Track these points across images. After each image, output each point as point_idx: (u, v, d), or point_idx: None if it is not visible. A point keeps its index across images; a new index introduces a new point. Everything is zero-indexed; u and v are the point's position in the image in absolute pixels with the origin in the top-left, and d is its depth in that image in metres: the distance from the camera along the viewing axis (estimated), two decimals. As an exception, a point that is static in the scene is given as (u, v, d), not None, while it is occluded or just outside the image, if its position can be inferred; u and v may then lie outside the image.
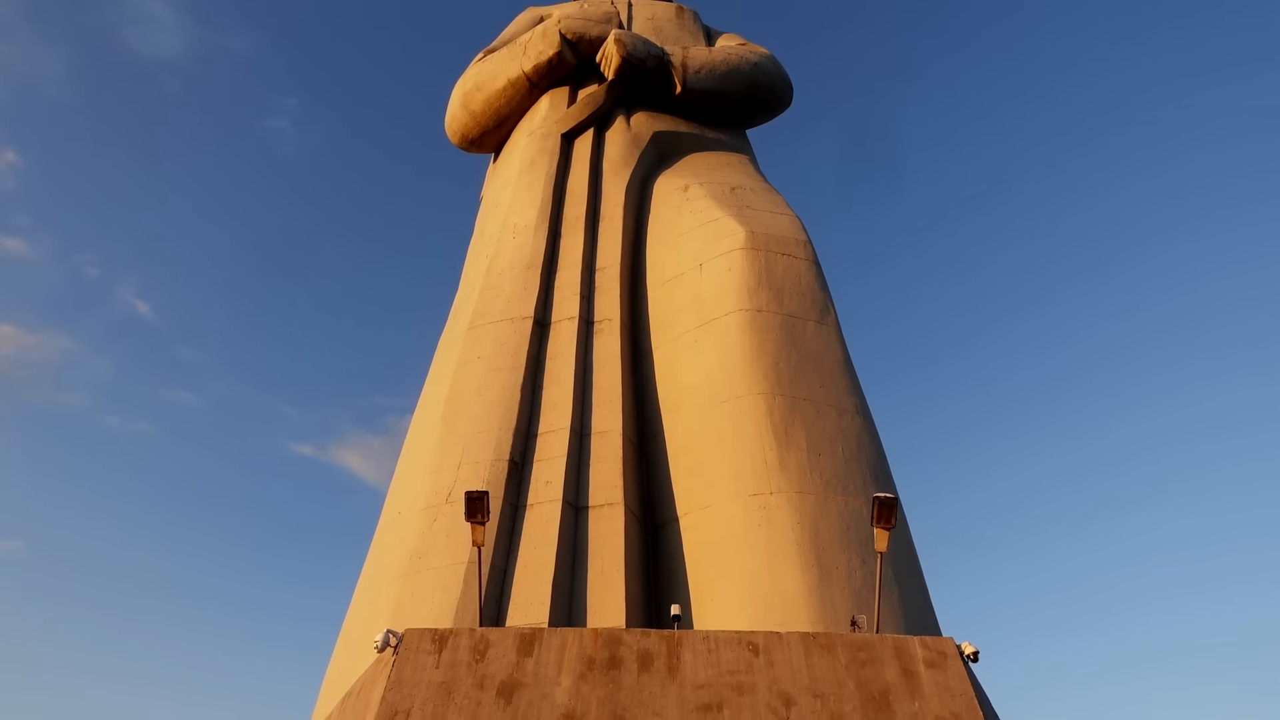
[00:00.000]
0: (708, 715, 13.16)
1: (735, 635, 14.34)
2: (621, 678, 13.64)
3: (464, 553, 19.76)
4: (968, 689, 13.62)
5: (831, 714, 13.22)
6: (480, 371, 23.91)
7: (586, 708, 13.22)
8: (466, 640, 14.12)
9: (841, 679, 13.69)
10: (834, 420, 21.99)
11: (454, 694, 13.34)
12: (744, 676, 13.69)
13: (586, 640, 14.15)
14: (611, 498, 21.60)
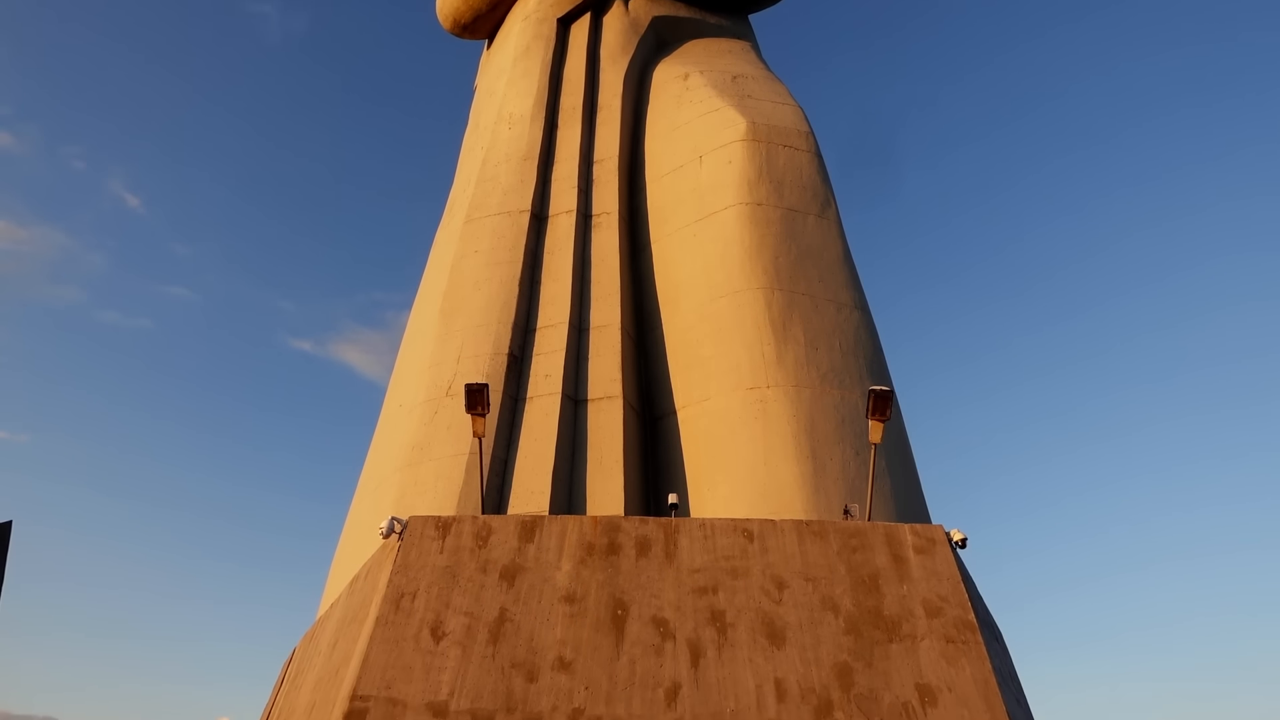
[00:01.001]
0: (703, 598, 13.65)
1: (731, 522, 14.74)
2: (620, 562, 14.08)
3: (465, 444, 20.09)
4: (955, 573, 14.09)
5: (823, 597, 13.72)
6: (477, 265, 23.79)
7: (586, 590, 13.69)
8: (469, 527, 14.50)
9: (833, 564, 14.14)
10: (832, 315, 22.01)
11: (458, 577, 13.80)
12: (739, 561, 14.14)
13: (586, 527, 14.55)
14: (610, 391, 21.82)
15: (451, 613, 13.34)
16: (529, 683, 12.56)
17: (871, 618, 13.46)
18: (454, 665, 12.73)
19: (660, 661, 12.89)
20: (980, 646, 13.19)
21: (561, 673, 12.69)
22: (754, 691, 12.57)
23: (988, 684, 12.73)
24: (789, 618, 13.45)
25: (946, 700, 12.51)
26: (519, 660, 12.82)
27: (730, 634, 13.23)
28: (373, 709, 12.21)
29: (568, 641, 13.06)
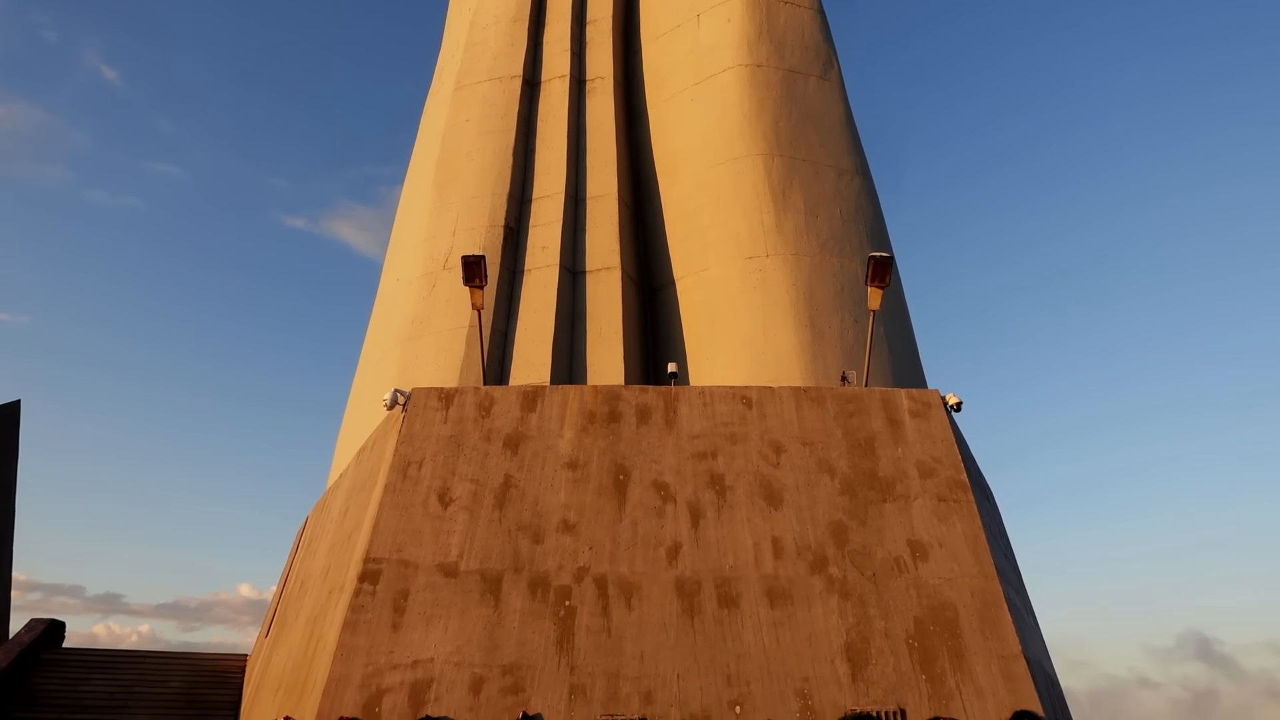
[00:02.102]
0: (703, 463, 13.98)
1: (729, 390, 14.93)
2: (621, 430, 14.34)
3: (464, 317, 20.12)
4: (948, 435, 14.39)
5: (819, 460, 14.05)
6: (469, 135, 23.17)
7: (588, 457, 14.01)
8: (472, 398, 14.70)
9: (830, 428, 14.41)
10: (833, 181, 21.61)
11: (463, 446, 14.08)
12: (737, 427, 14.40)
13: (587, 396, 14.75)
14: (608, 262, 21.68)
15: (457, 480, 13.69)
16: (535, 544, 13.02)
17: (866, 479, 13.83)
18: (462, 529, 13.16)
19: (661, 523, 13.32)
20: (971, 505, 13.60)
21: (566, 534, 13.14)
22: (752, 549, 13.05)
23: (977, 539, 13.21)
24: (786, 480, 13.81)
25: (937, 554, 13.01)
26: (525, 523, 13.24)
27: (729, 496, 13.62)
28: (385, 570, 12.71)
29: (571, 505, 13.46)
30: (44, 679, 18.33)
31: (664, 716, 11.43)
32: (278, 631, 17.70)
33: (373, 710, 11.47)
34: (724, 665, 11.92)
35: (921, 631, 12.25)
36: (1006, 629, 12.30)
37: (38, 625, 20.01)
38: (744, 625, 12.30)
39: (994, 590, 12.66)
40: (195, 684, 19.17)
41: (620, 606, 12.44)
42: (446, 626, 12.21)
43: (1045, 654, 15.29)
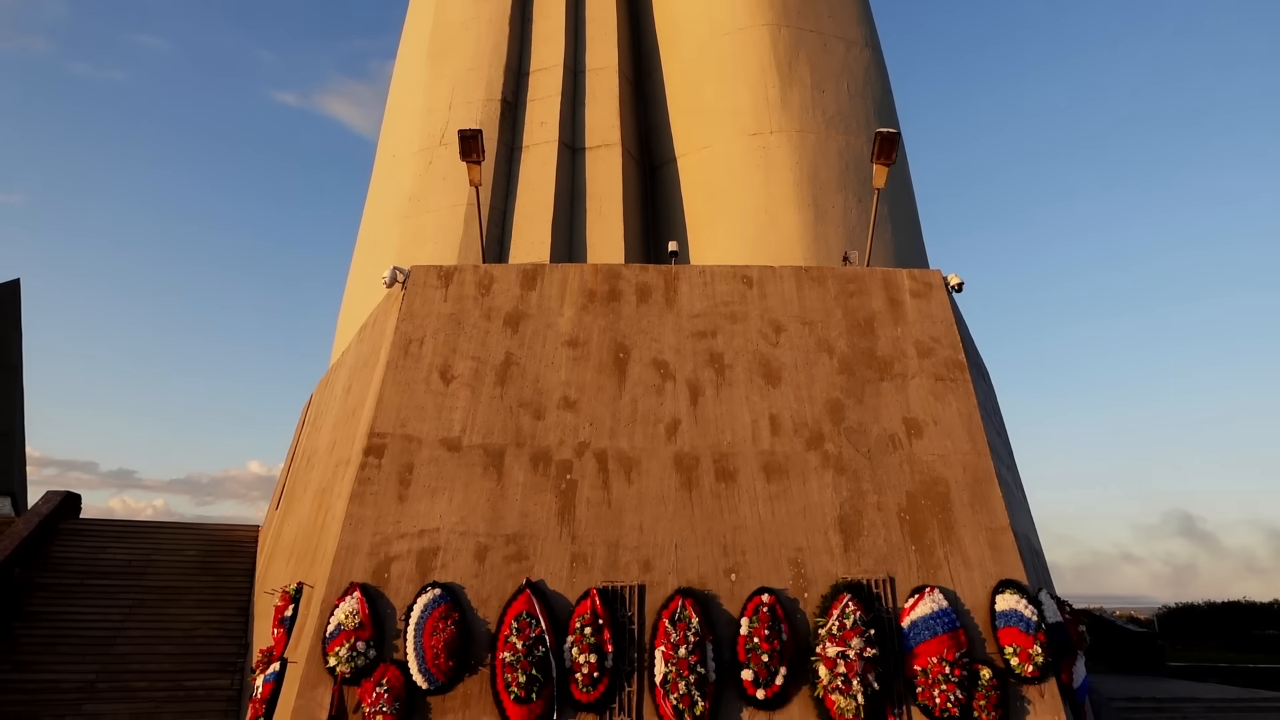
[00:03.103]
0: (702, 341, 14.05)
1: (730, 269, 14.85)
2: (621, 309, 14.34)
3: (462, 195, 19.82)
4: (949, 315, 14.40)
5: (818, 339, 14.11)
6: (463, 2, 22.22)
7: (588, 335, 14.06)
8: (471, 276, 14.63)
9: (830, 308, 14.41)
10: (841, 54, 20.86)
11: (463, 324, 14.12)
12: (737, 307, 14.40)
13: (587, 275, 14.67)
14: (608, 138, 21.20)
15: (459, 357, 13.79)
16: (536, 420, 13.23)
17: (865, 358, 13.92)
18: (464, 405, 13.34)
19: (661, 400, 13.50)
20: (968, 384, 13.75)
21: (567, 411, 13.33)
22: (749, 426, 13.26)
23: (971, 417, 13.41)
24: (785, 359, 13.91)
25: (931, 432, 13.23)
26: (526, 400, 13.42)
27: (728, 374, 13.74)
28: (390, 445, 12.96)
29: (572, 383, 13.60)
30: (63, 547, 19.00)
31: (662, 583, 11.88)
32: (287, 503, 18.21)
33: (382, 576, 11.92)
34: (720, 536, 12.31)
35: (913, 505, 12.60)
36: (996, 503, 12.64)
37: (54, 497, 20.59)
38: (740, 498, 12.64)
39: (986, 466, 12.94)
40: (210, 552, 19.89)
41: (620, 480, 12.74)
42: (451, 498, 12.54)
43: (1032, 528, 15.78)
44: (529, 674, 10.78)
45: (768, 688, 10.95)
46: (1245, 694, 19.65)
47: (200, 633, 16.90)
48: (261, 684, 12.34)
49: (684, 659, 10.87)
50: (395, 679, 10.98)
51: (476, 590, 11.82)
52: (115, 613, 17.06)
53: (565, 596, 11.75)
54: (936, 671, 10.98)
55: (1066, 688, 11.62)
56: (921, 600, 11.55)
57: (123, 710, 14.56)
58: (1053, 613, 11.97)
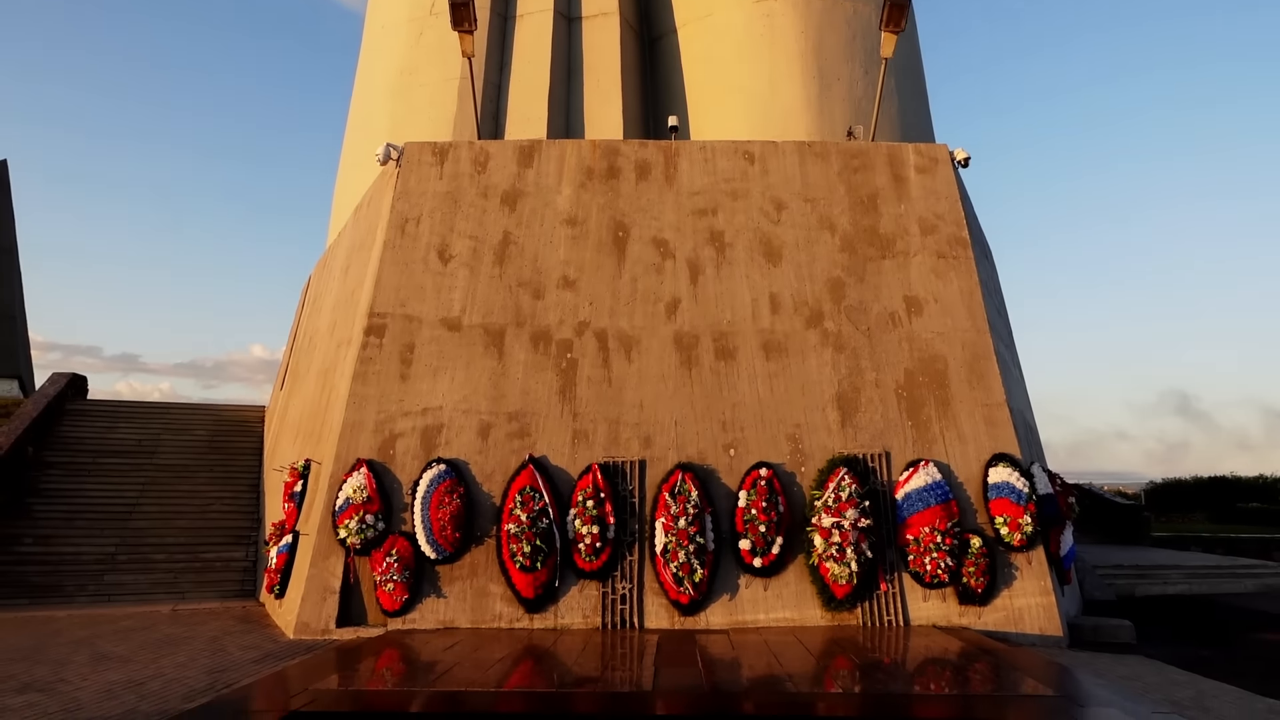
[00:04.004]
0: (702, 219, 13.85)
1: (731, 145, 14.49)
2: (620, 186, 14.08)
3: (455, 68, 19.14)
4: (953, 192, 14.15)
5: (820, 216, 13.90)
6: None
7: (587, 214, 13.85)
8: (466, 152, 14.30)
9: (833, 184, 14.14)
10: (851, -88, 19.74)
11: (459, 203, 13.89)
12: (739, 183, 14.13)
13: (585, 151, 14.33)
14: (605, 7, 20.31)
15: (456, 236, 13.63)
16: (536, 299, 13.19)
17: (867, 236, 13.76)
18: (463, 285, 13.28)
19: (661, 279, 13.42)
20: (970, 262, 13.64)
21: (566, 290, 13.28)
22: (749, 304, 13.24)
23: (972, 295, 13.36)
24: (786, 237, 13.75)
25: (932, 310, 13.22)
26: (525, 279, 13.34)
27: (728, 253, 13.62)
28: (390, 325, 12.97)
29: (571, 262, 13.49)
30: (73, 427, 19.31)
31: (662, 458, 12.12)
32: (291, 383, 18.40)
33: (388, 452, 12.15)
34: (720, 413, 12.47)
35: (911, 382, 12.71)
36: (993, 380, 12.75)
37: (61, 379, 20.78)
38: (740, 376, 12.74)
39: (985, 344, 12.99)
40: (219, 432, 20.23)
41: (620, 359, 12.82)
42: (453, 377, 12.64)
43: (1027, 405, 15.98)
44: (533, 544, 11.14)
45: (764, 556, 11.33)
46: (1224, 561, 20.38)
47: (213, 508, 17.38)
48: (275, 555, 12.78)
49: (683, 530, 11.20)
50: (405, 549, 11.35)
51: (480, 466, 12.08)
52: (129, 489, 17.49)
53: (567, 471, 12.01)
54: (928, 541, 11.33)
55: (1053, 556, 12.03)
56: (916, 473, 11.81)
57: (143, 580, 15.13)
58: (1044, 485, 12.26)
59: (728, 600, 11.41)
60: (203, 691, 8.05)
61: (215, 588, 15.18)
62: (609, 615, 11.34)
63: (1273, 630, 13.23)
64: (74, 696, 7.94)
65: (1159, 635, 12.50)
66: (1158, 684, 9.01)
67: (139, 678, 8.72)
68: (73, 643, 10.77)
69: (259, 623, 12.37)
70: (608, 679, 8.10)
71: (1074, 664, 9.62)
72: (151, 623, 12.36)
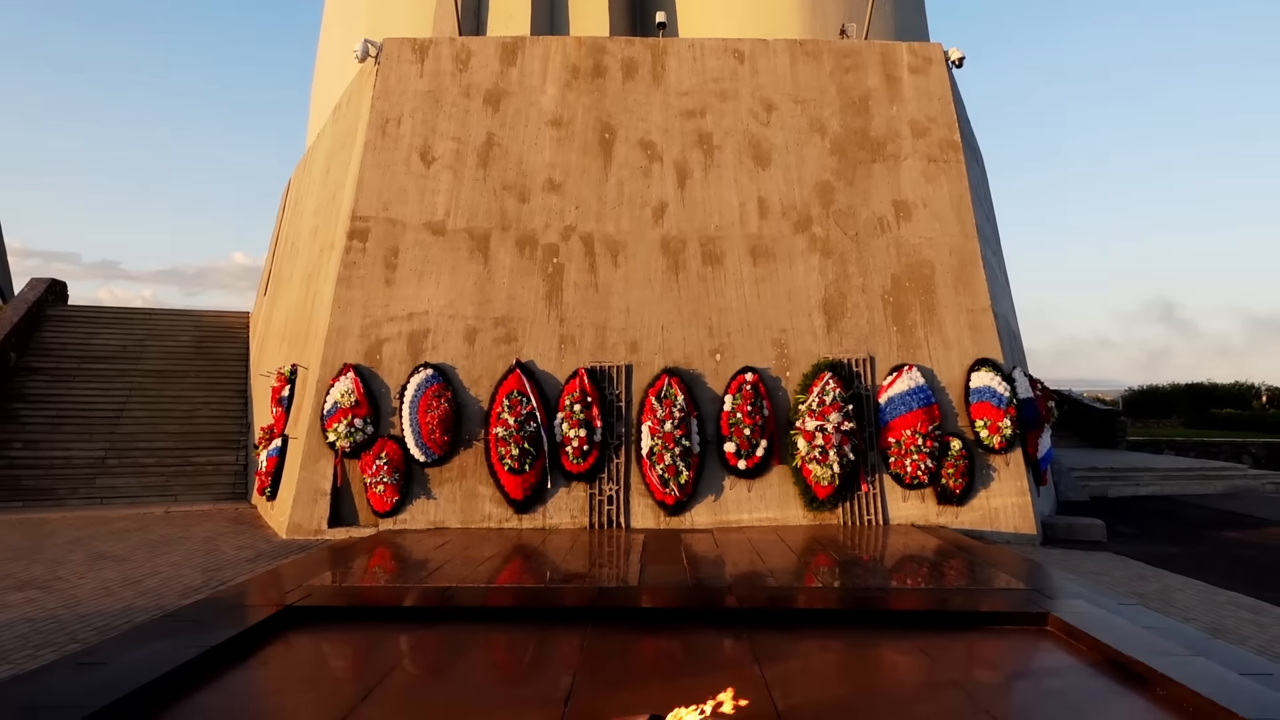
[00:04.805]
0: (690, 120, 13.56)
1: (721, 43, 14.08)
2: (606, 85, 13.72)
3: (434, -41, 18.35)
4: (946, 93, 13.87)
5: (811, 119, 13.63)
6: None
7: (573, 114, 13.53)
8: (448, 49, 13.84)
9: (824, 85, 13.82)
10: None
11: (441, 102, 13.52)
12: (728, 84, 13.79)
13: (570, 49, 13.90)
14: (591, -106, 19.37)
15: (438, 137, 13.32)
16: (521, 203, 13.00)
17: (858, 139, 13.53)
18: (447, 188, 13.05)
19: (648, 182, 13.22)
20: (960, 165, 13.47)
21: (552, 194, 13.08)
22: (737, 209, 13.10)
23: (962, 199, 13.26)
24: (775, 140, 13.51)
25: (920, 215, 13.12)
26: (509, 183, 13.11)
27: (717, 156, 13.39)
28: (373, 228, 12.79)
29: (556, 164, 13.25)
30: (55, 333, 19.17)
31: (649, 363, 12.18)
32: (275, 289, 18.24)
33: (374, 357, 12.15)
34: (706, 318, 12.49)
35: (897, 288, 12.72)
36: (979, 285, 12.78)
37: (40, 284, 20.52)
38: (726, 281, 12.71)
39: (972, 249, 12.96)
40: (203, 338, 20.15)
41: (607, 264, 12.73)
42: (438, 282, 12.55)
43: (1012, 311, 16.07)
44: (521, 447, 11.28)
45: (749, 458, 11.53)
46: (1195, 464, 20.92)
47: (201, 413, 17.44)
48: (265, 458, 12.90)
49: (669, 433, 11.36)
50: (394, 452, 11.48)
51: (468, 370, 12.11)
52: (116, 394, 17.50)
53: (554, 376, 12.07)
54: (909, 443, 11.54)
55: (1030, 458, 12.30)
56: (899, 378, 11.95)
57: (134, 484, 15.29)
58: (1024, 389, 12.44)
59: (712, 501, 11.67)
60: (199, 589, 8.23)
61: (207, 490, 15.37)
62: (596, 516, 11.59)
63: (1237, 529, 13.69)
64: (72, 594, 8.11)
65: (1129, 534, 12.91)
66: (1125, 578, 9.35)
67: (135, 576, 8.90)
68: (68, 543, 10.94)
69: (251, 524, 12.58)
70: (595, 575, 8.33)
71: (1046, 560, 9.95)
72: (145, 524, 12.55)
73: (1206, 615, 7.68)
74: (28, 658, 5.97)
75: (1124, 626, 6.03)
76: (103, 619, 7.07)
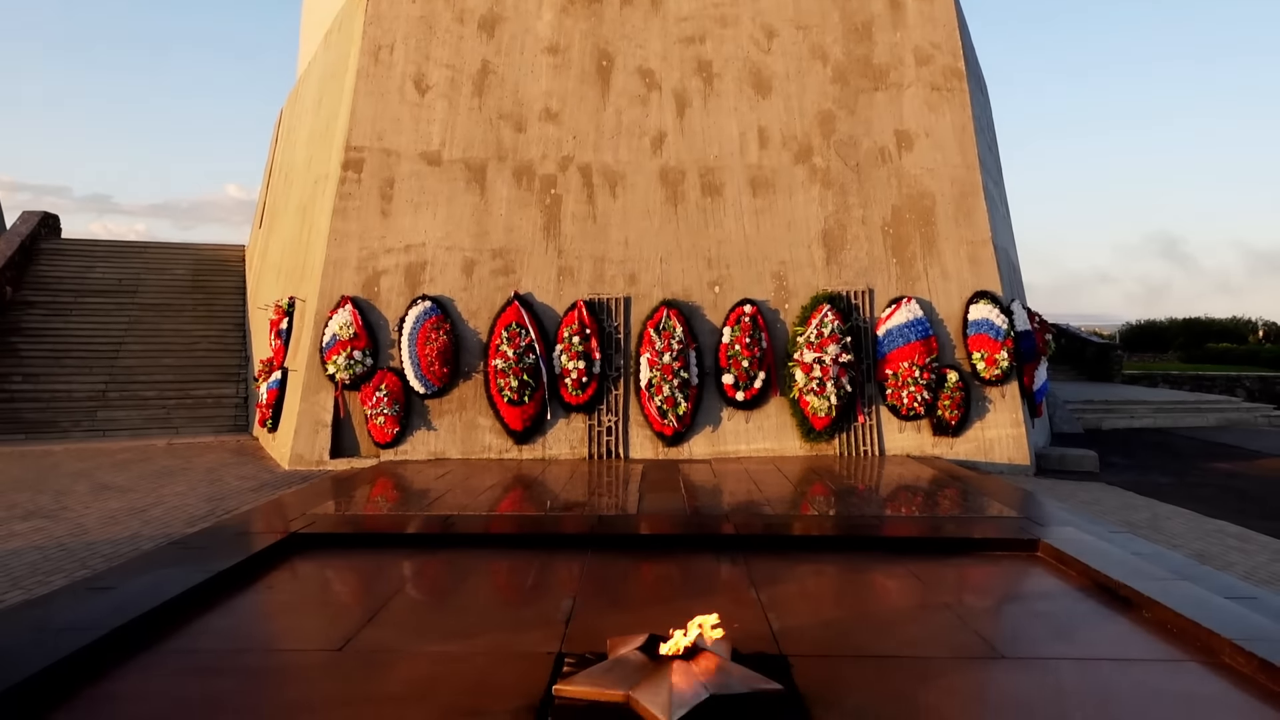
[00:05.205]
0: (690, 48, 13.28)
1: (722, -34, 13.68)
2: (604, 11, 13.39)
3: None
4: (951, 19, 13.55)
5: (812, 46, 13.35)
6: None
7: (569, 41, 13.24)
8: (440, -27, 13.45)
9: (826, 11, 13.50)
10: None
11: (434, 28, 13.21)
12: (728, 9, 13.46)
13: (566, -28, 13.51)
14: None
15: (432, 65, 13.05)
16: (518, 133, 12.81)
17: (860, 66, 13.28)
18: (442, 117, 12.84)
19: (646, 112, 13.01)
20: (964, 94, 13.25)
21: (550, 123, 12.88)
22: (737, 139, 12.92)
23: (965, 129, 13.07)
24: (776, 68, 13.25)
25: (922, 145, 12.95)
26: (506, 112, 12.90)
27: (716, 84, 13.15)
28: (368, 159, 12.62)
29: (553, 93, 13.01)
30: (50, 266, 19.07)
31: (647, 295, 12.16)
32: (270, 221, 18.08)
33: (372, 289, 12.11)
34: (705, 250, 12.42)
35: (898, 219, 12.63)
36: (980, 217, 12.68)
37: (32, 217, 20.32)
38: (726, 213, 12.61)
39: (974, 180, 12.82)
40: (200, 272, 20.05)
41: (605, 194, 12.61)
42: (435, 213, 12.44)
43: (1012, 243, 15.98)
44: (520, 379, 11.33)
45: (746, 390, 11.60)
46: (1189, 397, 21.08)
47: (200, 346, 17.46)
48: (265, 391, 12.97)
49: (668, 365, 11.40)
50: (393, 384, 11.54)
51: (466, 303, 12.09)
52: (114, 328, 17.49)
53: (553, 308, 12.06)
54: (906, 375, 11.61)
55: (1026, 390, 12.39)
56: (898, 310, 11.95)
57: (135, 416, 15.39)
58: (1022, 322, 12.45)
59: (710, 432, 11.78)
60: (203, 517, 8.36)
61: (208, 423, 15.48)
62: (595, 447, 11.70)
63: (1228, 460, 13.86)
64: (78, 522, 8.23)
65: (1121, 465, 13.08)
66: (1116, 507, 9.50)
67: (140, 505, 9.03)
68: (72, 474, 11.07)
69: (254, 455, 12.71)
70: (595, 503, 8.46)
71: (1038, 490, 10.10)
72: (148, 455, 12.68)
73: (1194, 542, 7.83)
74: (38, 584, 6.10)
75: (1113, 552, 6.15)
76: (110, 547, 7.19)
